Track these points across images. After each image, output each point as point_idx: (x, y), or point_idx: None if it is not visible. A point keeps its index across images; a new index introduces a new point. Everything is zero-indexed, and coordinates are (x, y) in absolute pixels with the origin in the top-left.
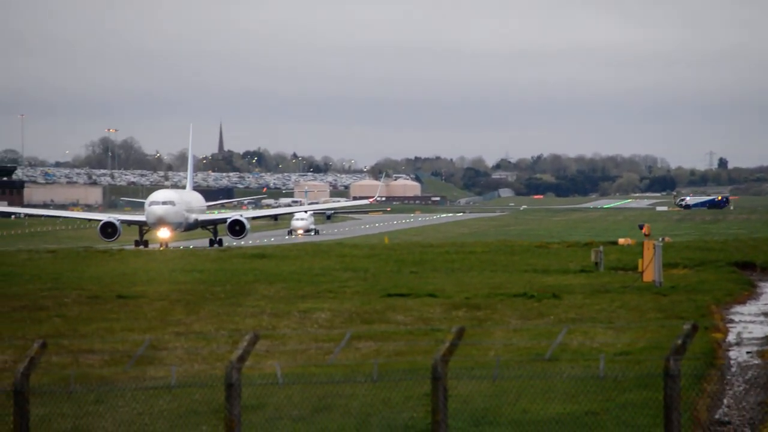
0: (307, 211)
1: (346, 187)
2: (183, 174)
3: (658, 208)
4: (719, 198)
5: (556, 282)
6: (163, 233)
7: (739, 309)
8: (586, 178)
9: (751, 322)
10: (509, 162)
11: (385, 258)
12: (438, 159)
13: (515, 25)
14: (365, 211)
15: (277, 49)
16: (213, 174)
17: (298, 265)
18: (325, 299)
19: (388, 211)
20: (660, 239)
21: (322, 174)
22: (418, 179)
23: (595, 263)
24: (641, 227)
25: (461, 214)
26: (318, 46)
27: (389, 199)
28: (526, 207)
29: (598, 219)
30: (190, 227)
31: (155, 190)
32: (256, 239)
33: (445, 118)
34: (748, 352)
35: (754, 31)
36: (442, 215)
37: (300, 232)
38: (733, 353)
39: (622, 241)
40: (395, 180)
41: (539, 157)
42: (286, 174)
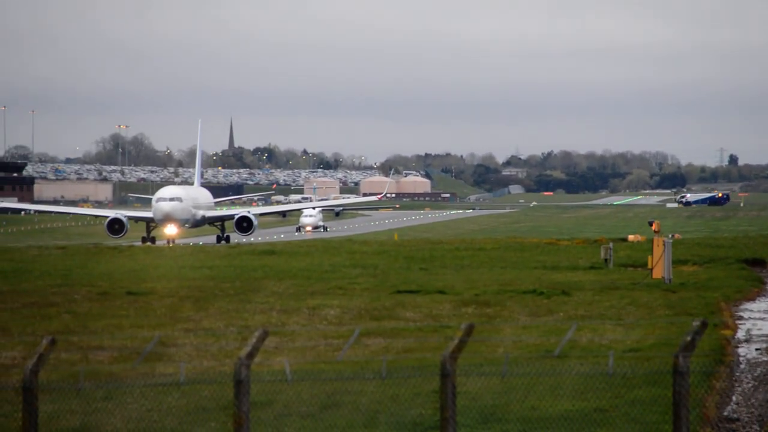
0: (315, 208)
1: (356, 183)
2: (193, 170)
3: (668, 205)
4: (720, 195)
5: (566, 279)
6: (170, 230)
7: (748, 306)
8: (596, 175)
9: (760, 319)
10: (519, 159)
11: (395, 255)
12: (448, 156)
13: (524, 22)
14: (375, 208)
15: (288, 45)
16: (223, 170)
17: (307, 261)
18: (334, 296)
19: (398, 207)
20: (669, 236)
21: (332, 170)
22: (428, 176)
23: (605, 260)
24: (651, 224)
25: (471, 210)
26: (328, 42)
27: (399, 195)
28: (536, 204)
29: (608, 216)
30: (197, 224)
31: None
32: (265, 236)
33: (456, 115)
34: (757, 349)
35: (765, 28)
36: (452, 212)
37: (308, 228)
38: (742, 350)
39: (631, 237)
40: (405, 176)
41: (549, 154)
42: (296, 170)
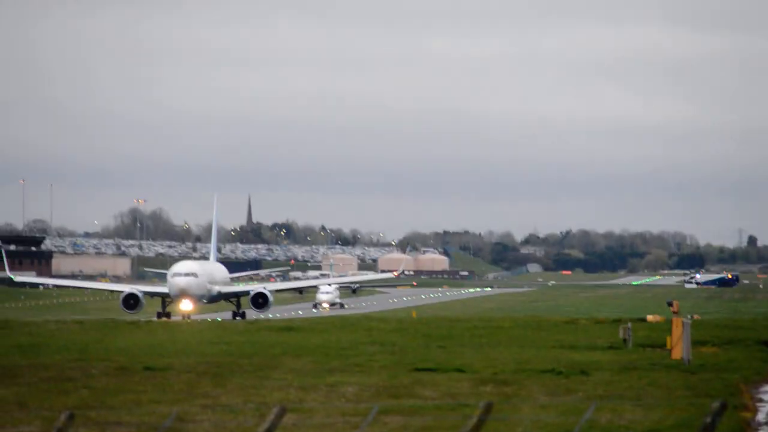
0: (331, 284)
1: (375, 260)
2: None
3: (687, 285)
4: (729, 276)
5: (585, 358)
6: (186, 305)
7: None
8: (614, 254)
9: None
10: (537, 237)
11: (413, 332)
12: (466, 233)
13: (541, 99)
14: (392, 285)
15: (305, 121)
16: (241, 246)
17: (325, 338)
18: (352, 373)
19: (415, 285)
20: (689, 317)
21: (350, 247)
22: (446, 253)
23: (624, 340)
24: (670, 304)
25: (489, 289)
26: (346, 119)
27: (417, 272)
28: (554, 282)
29: (627, 296)
30: (213, 299)
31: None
32: (282, 312)
33: (474, 192)
34: None
35: None
36: (470, 290)
37: (325, 305)
38: None
39: (650, 318)
40: (423, 254)
41: (568, 233)
42: (315, 246)
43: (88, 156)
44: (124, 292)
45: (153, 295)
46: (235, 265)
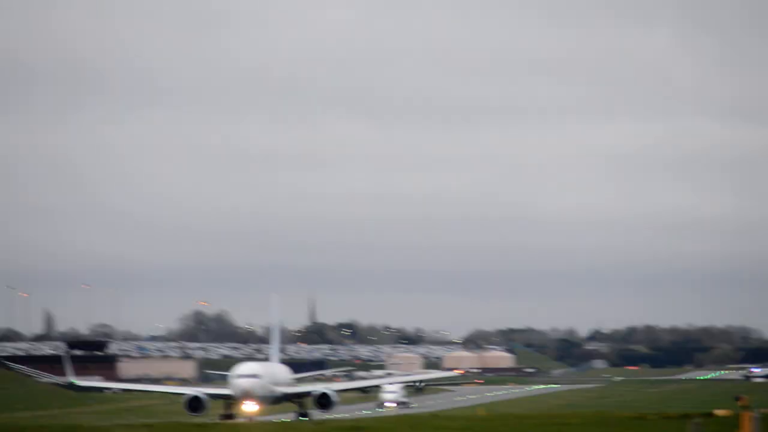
0: (395, 383)
1: (438, 358)
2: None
3: (755, 379)
4: None
5: None
6: (249, 406)
7: None
8: (680, 349)
9: None
10: (602, 333)
11: (480, 430)
12: (530, 330)
13: (600, 194)
14: (458, 383)
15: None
16: (305, 346)
17: None
18: None
19: (480, 382)
20: (757, 411)
21: (414, 345)
22: (510, 350)
23: None
24: (738, 399)
25: (555, 385)
26: (405, 215)
27: (483, 370)
28: (620, 378)
29: (694, 390)
30: (276, 400)
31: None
32: (346, 412)
33: (537, 288)
34: None
35: None
36: (536, 387)
37: (390, 404)
38: None
39: (718, 412)
40: (488, 351)
41: (633, 329)
42: (378, 346)
43: (151, 260)
44: (187, 394)
45: (217, 397)
46: (299, 366)
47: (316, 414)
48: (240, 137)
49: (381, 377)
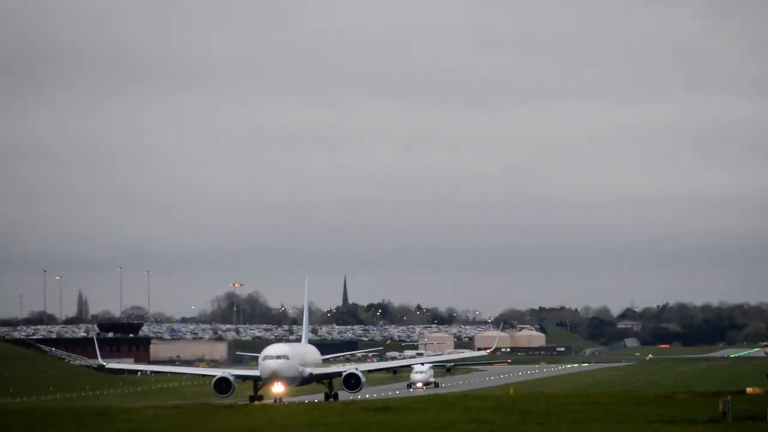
0: (424, 364)
1: (471, 338)
2: (308, 327)
3: None
4: None
5: None
6: (278, 388)
7: None
8: (712, 327)
9: None
10: (634, 311)
11: (511, 410)
12: (562, 309)
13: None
14: (489, 363)
15: (398, 200)
16: (337, 327)
17: (422, 417)
18: None
19: (510, 362)
20: None
21: (446, 325)
22: (542, 330)
23: (723, 413)
24: None
25: (586, 364)
26: (440, 198)
27: (514, 350)
28: (652, 356)
29: (726, 368)
30: (304, 381)
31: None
32: (376, 393)
33: (568, 268)
34: None
35: None
36: (568, 366)
37: (419, 385)
38: None
39: (750, 390)
40: (520, 331)
41: (665, 306)
42: (410, 326)
43: (184, 242)
44: (216, 376)
45: (245, 378)
46: (331, 347)
47: (345, 394)
48: (270, 119)
49: (412, 357)
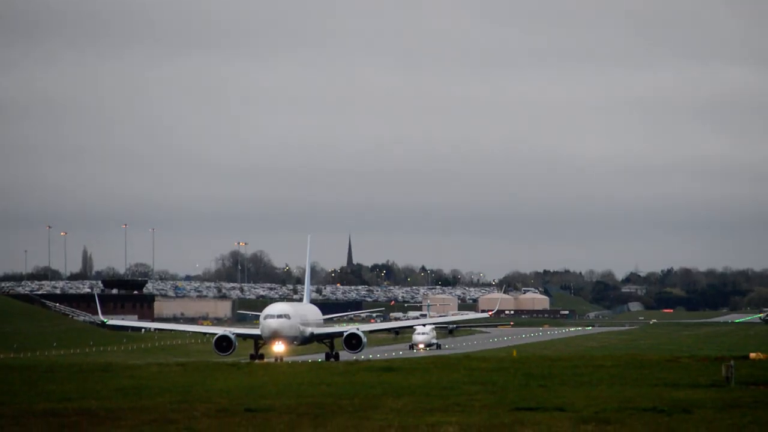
0: (426, 325)
1: (475, 300)
2: (312, 287)
3: None
4: None
5: (687, 396)
6: (278, 347)
7: None
8: (716, 292)
9: None
10: (639, 276)
11: (514, 371)
12: (567, 272)
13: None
14: (493, 325)
15: (403, 164)
16: (341, 287)
17: (425, 378)
18: (452, 413)
19: (512, 325)
20: None
21: (450, 287)
22: (546, 293)
23: (726, 378)
24: None
25: (590, 327)
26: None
27: (518, 312)
28: (655, 321)
29: (729, 333)
30: (305, 341)
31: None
32: (379, 353)
33: (573, 231)
34: None
35: None
36: (571, 329)
37: (421, 346)
38: None
39: (753, 355)
40: (524, 293)
41: (669, 271)
42: (415, 287)
43: (190, 200)
44: (216, 334)
45: (246, 337)
46: (335, 307)
47: (346, 355)
48: (275, 82)
49: (416, 318)
